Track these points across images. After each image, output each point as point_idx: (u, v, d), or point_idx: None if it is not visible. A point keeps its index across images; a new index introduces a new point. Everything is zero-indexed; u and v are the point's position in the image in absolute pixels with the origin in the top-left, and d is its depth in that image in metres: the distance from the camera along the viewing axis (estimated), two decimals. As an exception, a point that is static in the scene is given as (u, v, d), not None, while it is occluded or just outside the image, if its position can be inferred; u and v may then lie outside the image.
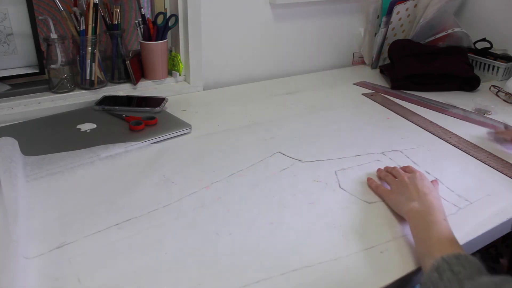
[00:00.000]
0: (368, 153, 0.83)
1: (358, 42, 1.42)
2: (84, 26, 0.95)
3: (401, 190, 0.67)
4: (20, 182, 0.66)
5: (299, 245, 0.58)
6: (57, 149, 0.76)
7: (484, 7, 1.38)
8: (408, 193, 0.65)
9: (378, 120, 0.99)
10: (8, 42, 0.93)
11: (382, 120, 0.99)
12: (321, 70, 1.36)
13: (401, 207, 0.64)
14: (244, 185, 0.71)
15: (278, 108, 1.04)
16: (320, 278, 0.53)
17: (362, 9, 1.36)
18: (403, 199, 0.65)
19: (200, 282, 0.51)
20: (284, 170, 0.76)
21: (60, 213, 0.62)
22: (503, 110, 1.07)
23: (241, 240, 0.59)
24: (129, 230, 0.59)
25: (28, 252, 0.54)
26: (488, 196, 0.71)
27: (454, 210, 0.68)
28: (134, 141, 0.81)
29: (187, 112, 0.99)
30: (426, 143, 0.88)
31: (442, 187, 0.73)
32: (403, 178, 0.69)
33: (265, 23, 1.21)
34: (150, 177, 0.72)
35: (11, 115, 0.90)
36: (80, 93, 0.99)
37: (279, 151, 0.83)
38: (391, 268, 0.55)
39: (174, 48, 1.13)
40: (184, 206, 0.65)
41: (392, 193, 0.68)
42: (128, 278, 0.51)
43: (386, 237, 0.61)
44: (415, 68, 1.18)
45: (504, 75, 1.28)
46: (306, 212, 0.65)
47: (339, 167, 0.78)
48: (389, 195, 0.68)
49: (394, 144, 0.87)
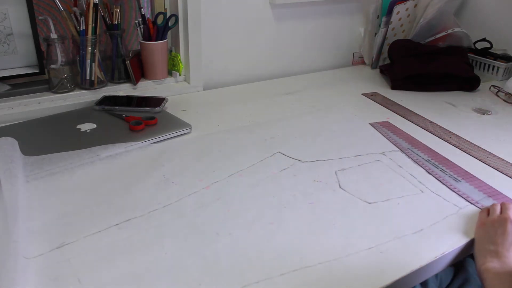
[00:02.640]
0: (368, 153, 0.83)
1: (358, 42, 1.42)
2: (84, 26, 0.95)
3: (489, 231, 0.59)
4: (20, 182, 0.66)
5: (299, 245, 0.58)
6: (57, 149, 0.76)
7: (484, 7, 1.38)
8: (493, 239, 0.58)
9: (379, 119, 0.99)
10: (8, 42, 0.93)
11: (385, 119, 0.99)
12: (321, 70, 1.36)
13: (478, 256, 0.57)
14: (244, 185, 0.71)
15: (278, 108, 1.04)
16: (320, 278, 0.53)
17: (362, 9, 1.36)
18: (485, 247, 0.57)
19: (200, 282, 0.51)
20: (284, 170, 0.76)
21: (60, 213, 0.62)
22: (503, 110, 1.07)
23: (241, 240, 0.59)
24: (129, 230, 0.59)
25: (28, 252, 0.54)
26: (489, 196, 0.71)
27: (454, 210, 0.68)
28: (134, 141, 0.81)
29: (187, 112, 0.99)
30: (426, 143, 0.88)
31: (443, 187, 0.73)
32: (504, 215, 0.60)
33: (265, 23, 1.21)
34: (150, 177, 0.72)
35: (11, 115, 0.90)
36: (80, 93, 0.99)
37: (279, 151, 0.83)
38: (391, 268, 0.55)
39: (174, 48, 1.13)
40: (184, 206, 0.65)
41: (480, 228, 0.61)
42: (128, 278, 0.51)
43: (386, 237, 0.61)
44: (415, 68, 1.18)
45: (504, 75, 1.28)
46: (306, 212, 0.65)
47: (339, 167, 0.78)
48: (477, 229, 0.62)
49: (392, 144, 0.87)
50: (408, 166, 0.79)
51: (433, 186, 0.74)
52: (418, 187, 0.73)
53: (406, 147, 0.86)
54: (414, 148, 0.85)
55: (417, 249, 0.59)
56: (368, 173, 0.76)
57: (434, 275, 0.71)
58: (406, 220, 0.64)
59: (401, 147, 0.86)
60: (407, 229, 0.62)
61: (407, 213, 0.66)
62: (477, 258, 0.59)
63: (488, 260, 0.56)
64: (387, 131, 0.92)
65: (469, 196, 0.71)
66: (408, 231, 0.61)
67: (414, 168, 0.79)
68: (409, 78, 1.18)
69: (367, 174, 0.76)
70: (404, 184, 0.74)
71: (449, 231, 0.63)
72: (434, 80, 1.18)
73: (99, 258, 0.54)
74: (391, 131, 0.93)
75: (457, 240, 0.61)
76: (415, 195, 0.71)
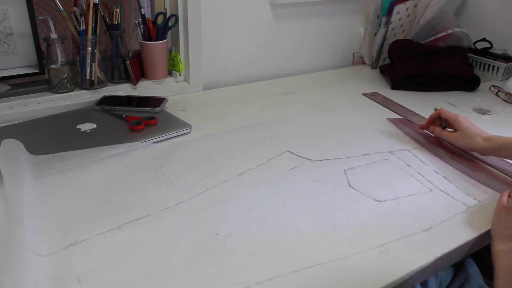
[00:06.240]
0: (376, 152, 0.83)
1: (358, 42, 1.42)
2: (84, 26, 0.95)
3: None
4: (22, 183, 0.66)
5: (301, 246, 0.58)
6: (56, 149, 0.76)
7: (484, 7, 1.38)
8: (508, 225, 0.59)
9: (380, 119, 0.99)
10: (8, 42, 0.93)
11: (384, 120, 0.99)
12: (321, 70, 1.37)
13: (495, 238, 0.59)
14: (244, 185, 0.71)
15: (278, 108, 1.04)
16: (321, 278, 0.53)
17: (362, 9, 1.36)
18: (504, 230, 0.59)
19: (201, 282, 0.51)
20: (289, 169, 0.76)
21: (59, 214, 0.62)
22: (503, 110, 1.08)
23: (241, 241, 0.59)
24: (129, 232, 0.59)
25: (28, 253, 0.54)
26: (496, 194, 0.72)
27: (463, 208, 0.68)
28: (134, 141, 0.81)
29: (187, 112, 0.99)
30: (427, 143, 0.88)
31: (450, 186, 0.73)
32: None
33: (265, 23, 1.21)
34: (150, 177, 0.72)
35: (11, 115, 0.90)
36: (80, 93, 0.99)
37: (282, 150, 0.82)
38: (391, 268, 0.55)
39: (174, 48, 1.13)
40: (184, 206, 0.65)
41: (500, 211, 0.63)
42: (128, 279, 0.51)
43: (390, 236, 0.60)
44: (415, 68, 1.18)
45: (504, 75, 1.28)
46: (309, 212, 0.65)
47: (348, 166, 0.78)
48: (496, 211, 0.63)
49: (400, 143, 0.88)
50: (416, 165, 0.79)
51: (442, 184, 0.74)
52: (426, 185, 0.73)
53: (423, 141, 0.88)
54: (430, 143, 0.87)
55: (424, 248, 0.58)
56: (376, 171, 0.77)
57: (434, 275, 0.72)
58: (414, 219, 0.64)
59: (420, 142, 0.88)
60: (408, 229, 0.62)
61: (415, 212, 0.66)
62: (494, 239, 0.60)
63: (506, 243, 0.57)
64: (404, 127, 0.94)
65: (477, 195, 0.72)
66: (409, 231, 0.62)
67: (422, 167, 0.79)
68: (409, 78, 1.18)
69: (376, 173, 0.76)
70: (412, 182, 0.74)
71: (457, 230, 0.63)
72: (434, 80, 1.18)
73: (98, 260, 0.54)
74: (409, 127, 0.95)
75: (463, 239, 0.61)
76: (424, 193, 0.71)
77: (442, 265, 0.60)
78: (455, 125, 0.83)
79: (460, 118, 0.83)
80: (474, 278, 0.74)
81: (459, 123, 0.82)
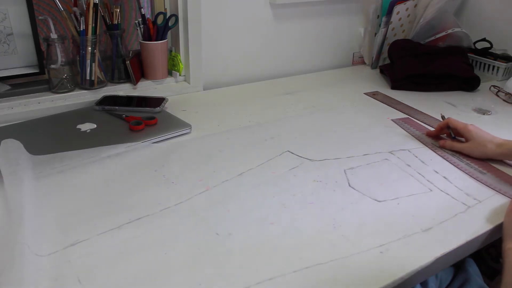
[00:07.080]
0: (376, 152, 0.83)
1: (358, 42, 1.42)
2: (84, 26, 0.95)
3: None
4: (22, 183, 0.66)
5: (301, 246, 0.58)
6: (56, 149, 0.76)
7: (484, 7, 1.38)
8: None
9: (381, 119, 0.99)
10: (8, 42, 0.93)
11: (385, 120, 0.99)
12: (321, 70, 1.37)
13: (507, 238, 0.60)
14: (244, 185, 0.71)
15: (279, 108, 1.04)
16: (321, 278, 0.53)
17: (362, 9, 1.36)
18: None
19: (201, 282, 0.51)
20: (289, 169, 0.76)
21: (59, 214, 0.62)
22: (503, 110, 1.08)
23: (241, 241, 0.59)
24: (129, 232, 0.59)
25: (28, 253, 0.54)
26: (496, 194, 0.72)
27: (463, 208, 0.68)
28: (134, 141, 0.81)
29: (187, 112, 0.99)
30: (431, 143, 0.88)
31: (450, 186, 0.73)
32: None
33: (265, 23, 1.21)
34: (150, 177, 0.72)
35: (11, 115, 0.90)
36: (80, 93, 0.99)
37: (282, 150, 0.82)
38: (391, 268, 0.55)
39: (174, 48, 1.13)
40: (184, 206, 0.65)
41: None
42: (128, 279, 0.51)
43: (390, 236, 0.60)
44: (415, 68, 1.18)
45: (504, 75, 1.28)
46: (309, 212, 0.65)
47: (348, 166, 0.78)
48: (509, 212, 0.64)
49: (400, 143, 0.88)
50: (416, 165, 0.79)
51: (442, 184, 0.74)
52: (426, 185, 0.73)
53: (429, 142, 0.88)
54: (435, 143, 0.88)
55: (424, 248, 0.58)
56: (377, 171, 0.77)
57: (434, 275, 0.72)
58: (414, 219, 0.64)
59: (425, 142, 0.88)
60: (408, 229, 0.62)
61: (415, 212, 0.66)
62: (505, 238, 0.61)
63: None
64: (409, 127, 0.94)
65: (496, 187, 0.73)
66: (409, 231, 0.61)
67: (422, 167, 0.79)
68: (409, 78, 1.18)
69: (376, 173, 0.76)
70: (412, 182, 0.74)
71: (457, 230, 0.63)
72: (434, 80, 1.18)
73: (98, 260, 0.54)
74: (413, 127, 0.94)
75: (463, 239, 0.61)
76: (424, 193, 0.71)
77: (442, 265, 0.60)
78: (465, 134, 0.83)
79: (470, 127, 0.83)
80: (474, 278, 0.74)
81: (470, 133, 0.82)
